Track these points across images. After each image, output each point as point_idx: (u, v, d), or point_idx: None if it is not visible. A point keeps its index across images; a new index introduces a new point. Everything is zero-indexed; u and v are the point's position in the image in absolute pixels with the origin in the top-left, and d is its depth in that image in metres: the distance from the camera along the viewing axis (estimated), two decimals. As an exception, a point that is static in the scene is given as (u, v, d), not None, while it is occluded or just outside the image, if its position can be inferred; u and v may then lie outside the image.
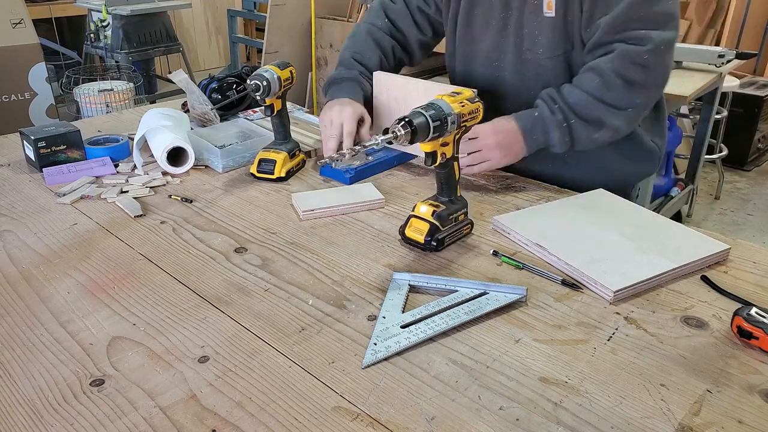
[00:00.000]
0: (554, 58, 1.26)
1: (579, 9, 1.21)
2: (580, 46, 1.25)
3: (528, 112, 1.25)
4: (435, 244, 1.04)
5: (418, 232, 1.05)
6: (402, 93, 1.38)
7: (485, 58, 1.36)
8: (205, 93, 1.62)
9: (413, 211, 1.08)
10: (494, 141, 1.22)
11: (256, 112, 1.75)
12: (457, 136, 1.02)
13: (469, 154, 1.23)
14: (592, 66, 1.21)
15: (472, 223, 1.11)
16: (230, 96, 1.69)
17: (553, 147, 1.24)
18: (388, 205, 1.22)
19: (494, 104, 1.30)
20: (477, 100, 1.03)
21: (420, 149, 1.01)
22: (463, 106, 1.00)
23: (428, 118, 0.94)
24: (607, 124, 1.20)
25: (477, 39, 1.38)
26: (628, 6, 1.15)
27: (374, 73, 1.42)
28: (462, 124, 1.00)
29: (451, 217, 1.06)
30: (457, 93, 1.02)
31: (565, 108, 1.21)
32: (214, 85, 1.70)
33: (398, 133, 0.92)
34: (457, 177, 1.06)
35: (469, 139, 1.22)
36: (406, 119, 0.93)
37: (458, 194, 1.08)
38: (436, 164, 1.01)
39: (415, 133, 0.93)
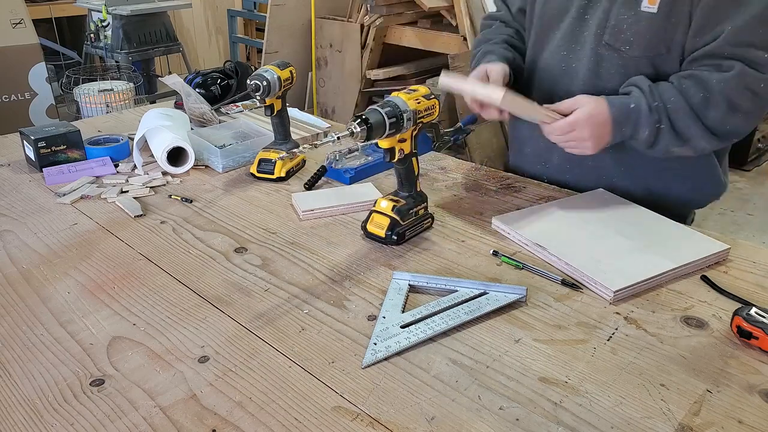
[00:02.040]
0: (642, 59, 1.15)
1: (687, 12, 1.09)
2: (679, 52, 1.13)
3: (623, 100, 1.13)
4: (395, 237, 1.07)
5: (378, 226, 1.08)
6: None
7: (557, 47, 1.26)
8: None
9: (374, 206, 1.10)
10: (589, 133, 1.12)
11: (238, 106, 1.76)
12: (414, 133, 1.05)
13: (562, 138, 1.15)
14: (700, 77, 1.09)
15: (432, 217, 1.14)
16: (214, 91, 1.73)
17: (635, 140, 1.14)
18: (388, 205, 1.22)
19: (562, 99, 1.18)
20: (433, 96, 1.05)
21: (380, 146, 1.04)
22: (419, 103, 1.03)
23: (384, 115, 0.97)
24: (693, 143, 1.12)
25: (551, 26, 1.27)
26: (752, 18, 1.05)
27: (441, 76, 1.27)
28: (418, 121, 1.03)
29: (411, 211, 1.09)
30: (413, 90, 1.05)
31: (663, 110, 1.10)
32: (198, 80, 1.73)
33: (354, 131, 0.95)
34: (416, 172, 1.09)
35: (564, 131, 1.13)
36: (362, 116, 0.96)
37: (418, 189, 1.11)
38: (394, 160, 1.05)
39: (370, 130, 0.96)
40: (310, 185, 1.30)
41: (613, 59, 1.17)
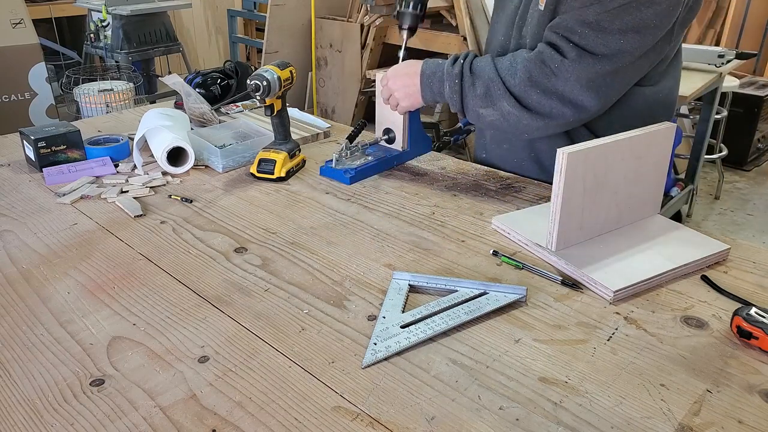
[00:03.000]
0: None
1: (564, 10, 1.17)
2: None
3: (436, 60, 1.26)
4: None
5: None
6: None
7: (499, 36, 1.34)
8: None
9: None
10: (395, 82, 1.29)
11: (238, 106, 1.77)
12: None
13: (385, 96, 1.33)
14: (518, 51, 1.20)
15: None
16: (214, 91, 1.73)
17: (445, 100, 1.24)
18: (388, 205, 1.22)
19: None
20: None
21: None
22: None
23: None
24: (497, 105, 1.17)
25: (496, 27, 1.36)
26: (580, 16, 1.11)
27: (376, 72, 1.45)
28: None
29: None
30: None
31: (466, 67, 1.20)
32: (198, 80, 1.73)
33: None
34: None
35: (383, 85, 1.32)
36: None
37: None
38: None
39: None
40: (352, 138, 1.39)
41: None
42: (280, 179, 1.33)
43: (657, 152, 1.06)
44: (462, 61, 1.21)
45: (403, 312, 0.89)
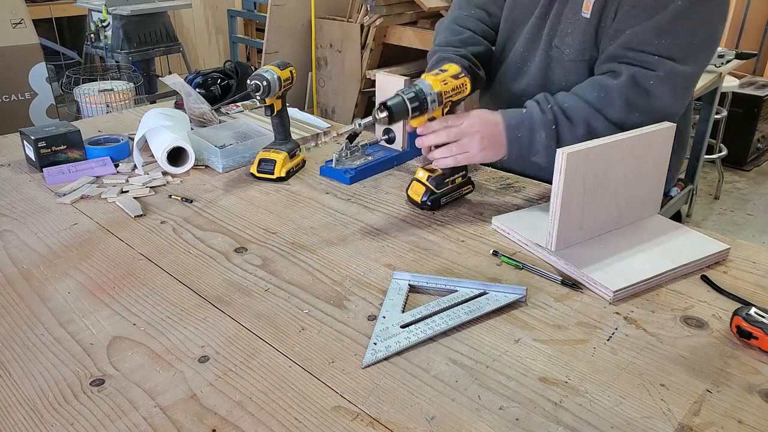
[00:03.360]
0: (579, 62, 1.21)
1: (612, 17, 1.15)
2: None
3: (516, 109, 1.17)
4: (430, 204, 1.18)
5: (415, 194, 1.19)
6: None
7: (519, 48, 1.31)
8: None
9: (416, 174, 1.21)
10: (477, 131, 1.12)
11: (238, 106, 1.77)
12: (446, 110, 1.14)
13: (447, 143, 1.14)
14: (595, 80, 1.16)
15: (473, 183, 1.26)
16: (214, 91, 1.73)
17: (536, 151, 1.16)
18: (388, 205, 1.22)
19: (517, 100, 1.25)
20: (462, 75, 1.13)
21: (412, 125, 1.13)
22: (445, 83, 1.10)
23: (406, 99, 1.07)
24: (598, 132, 1.13)
25: (516, 27, 1.33)
26: (653, 26, 1.10)
27: (377, 74, 1.43)
28: (447, 100, 1.12)
29: (447, 180, 1.19)
30: (443, 70, 1.13)
31: (558, 111, 1.14)
32: (198, 80, 1.73)
33: (377, 116, 1.06)
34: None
35: (450, 125, 1.13)
36: (384, 102, 1.06)
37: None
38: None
39: (392, 115, 1.06)
40: (352, 138, 1.34)
41: (560, 62, 1.25)
42: (280, 179, 1.33)
43: (657, 152, 1.06)
44: (550, 105, 1.15)
45: (403, 312, 0.89)
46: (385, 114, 1.05)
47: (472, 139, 1.12)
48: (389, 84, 1.40)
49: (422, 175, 1.19)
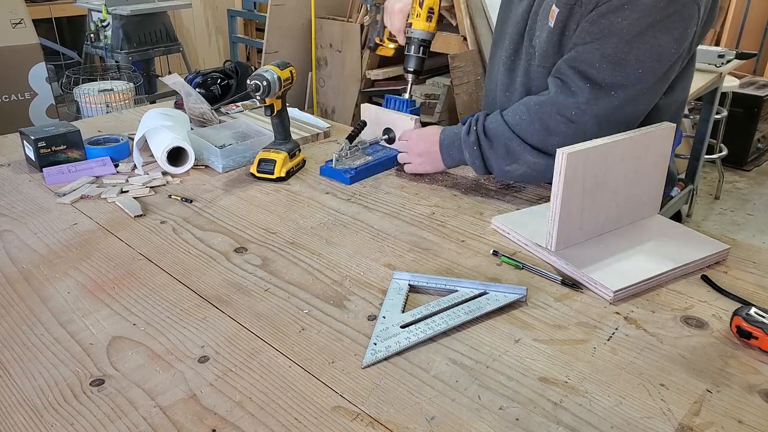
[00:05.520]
0: (542, 68, 1.22)
1: (574, 29, 1.15)
2: None
3: (456, 127, 1.29)
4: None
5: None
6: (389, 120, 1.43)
7: (506, 60, 1.32)
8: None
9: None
10: (416, 148, 1.32)
11: (238, 106, 1.77)
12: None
13: (399, 153, 1.36)
14: (525, 101, 1.19)
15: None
16: (214, 91, 1.73)
17: (470, 164, 1.26)
18: (388, 205, 1.22)
19: (504, 107, 1.26)
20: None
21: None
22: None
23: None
24: (524, 160, 1.17)
25: (503, 38, 1.34)
26: (598, 49, 1.09)
27: (362, 106, 1.49)
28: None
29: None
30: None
31: (480, 132, 1.21)
32: (198, 80, 1.73)
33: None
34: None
35: (403, 140, 1.35)
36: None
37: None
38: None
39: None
40: (352, 139, 1.37)
41: (537, 73, 1.24)
42: (280, 179, 1.33)
43: (657, 152, 1.06)
44: (475, 127, 1.23)
45: (403, 312, 0.89)
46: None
47: (412, 156, 1.33)
48: (375, 114, 1.45)
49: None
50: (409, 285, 0.95)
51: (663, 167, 1.09)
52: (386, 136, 1.42)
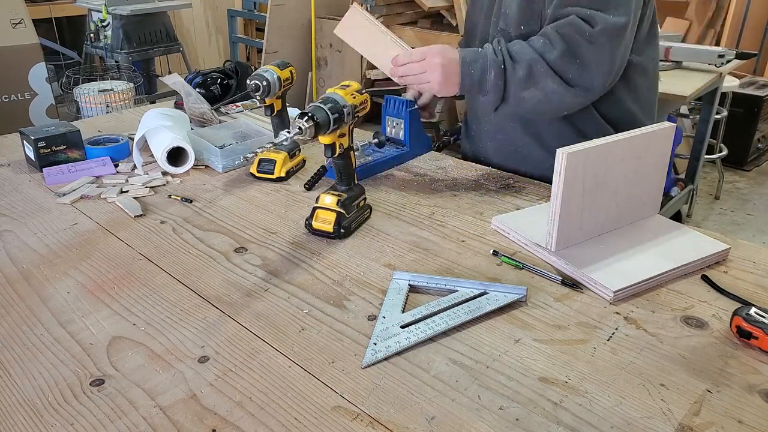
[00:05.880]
0: (521, 36, 1.25)
1: None
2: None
3: (473, 48, 1.25)
4: (343, 231, 1.09)
5: (326, 222, 1.10)
6: (368, 36, 1.35)
7: (480, 38, 1.36)
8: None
9: (317, 203, 1.12)
10: (439, 62, 1.20)
11: (238, 106, 1.77)
12: (351, 127, 1.10)
13: (413, 74, 1.23)
14: (543, 31, 1.21)
15: (370, 208, 1.18)
16: (214, 91, 1.74)
17: (486, 90, 1.22)
18: (388, 205, 1.22)
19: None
20: (364, 92, 1.11)
21: (321, 142, 1.06)
22: (354, 98, 1.07)
23: (327, 111, 1.01)
24: (541, 84, 1.19)
25: (475, 16, 1.39)
26: None
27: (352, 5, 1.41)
28: (355, 115, 1.08)
29: (353, 204, 1.12)
30: (347, 86, 1.09)
31: (506, 53, 1.20)
32: (198, 80, 1.73)
33: (303, 127, 0.98)
34: (353, 165, 1.13)
35: (415, 59, 1.22)
36: (308, 114, 0.99)
37: (356, 182, 1.14)
38: (335, 155, 1.07)
39: (318, 127, 1.00)
40: (311, 185, 1.30)
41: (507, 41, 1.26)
42: (280, 179, 1.33)
43: (657, 152, 1.06)
44: (500, 47, 1.21)
45: (403, 312, 0.89)
46: (311, 125, 0.98)
47: (434, 71, 1.21)
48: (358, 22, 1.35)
49: (330, 201, 1.10)
50: (409, 285, 0.95)
51: (663, 167, 1.09)
52: (376, 140, 1.43)
